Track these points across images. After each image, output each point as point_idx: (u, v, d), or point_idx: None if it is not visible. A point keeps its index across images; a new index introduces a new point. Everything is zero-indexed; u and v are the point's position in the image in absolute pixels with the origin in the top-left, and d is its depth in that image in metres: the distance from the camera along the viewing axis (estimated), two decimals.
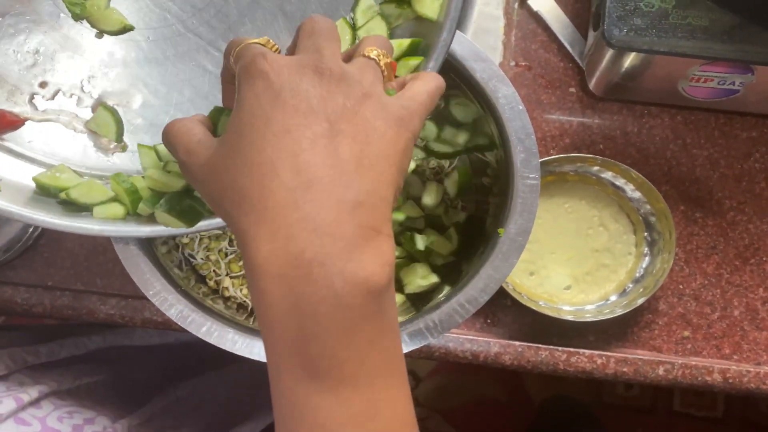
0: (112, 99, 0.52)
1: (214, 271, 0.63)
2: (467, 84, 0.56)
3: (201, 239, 0.63)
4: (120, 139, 0.52)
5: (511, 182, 0.55)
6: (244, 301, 0.63)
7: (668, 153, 0.69)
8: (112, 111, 0.51)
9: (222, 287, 0.63)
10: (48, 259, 0.69)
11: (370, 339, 0.33)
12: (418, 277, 0.61)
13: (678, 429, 1.34)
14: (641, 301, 0.63)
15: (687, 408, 1.34)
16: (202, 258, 0.63)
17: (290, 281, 0.32)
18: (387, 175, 0.35)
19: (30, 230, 0.67)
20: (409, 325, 0.54)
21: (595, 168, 0.65)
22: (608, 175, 0.65)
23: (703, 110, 0.69)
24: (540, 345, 0.66)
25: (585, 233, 0.67)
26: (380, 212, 0.34)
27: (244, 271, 0.47)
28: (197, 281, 0.62)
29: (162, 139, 0.40)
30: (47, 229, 0.59)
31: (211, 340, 0.54)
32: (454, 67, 0.56)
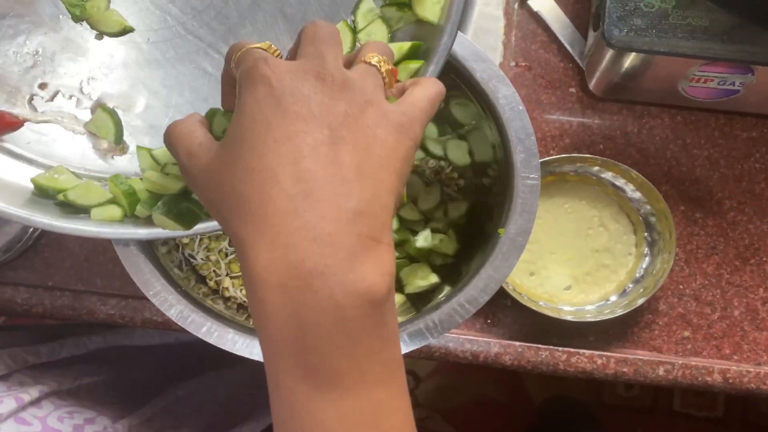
0: (112, 101, 0.52)
1: (214, 272, 0.63)
2: (467, 84, 0.56)
3: (201, 239, 0.63)
4: (119, 141, 0.52)
5: (511, 182, 0.55)
6: (244, 302, 0.63)
7: (668, 153, 0.69)
8: (111, 112, 0.51)
9: (222, 287, 0.63)
10: (48, 260, 0.69)
11: (371, 350, 0.33)
12: (418, 278, 0.61)
13: (678, 429, 1.34)
14: (641, 302, 0.63)
15: (687, 408, 1.34)
16: (202, 258, 0.63)
17: (290, 292, 0.32)
18: (387, 183, 0.34)
19: (30, 230, 0.67)
20: (409, 325, 0.54)
21: (595, 168, 0.65)
22: (608, 176, 0.65)
23: (703, 110, 0.69)
24: (540, 345, 0.66)
25: (585, 233, 0.67)
26: (381, 221, 0.34)
27: (242, 279, 0.47)
28: (197, 281, 0.63)
29: (163, 141, 0.40)
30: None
31: (211, 341, 0.54)
32: (454, 68, 0.56)
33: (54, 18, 0.51)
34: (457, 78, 0.56)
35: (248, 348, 0.54)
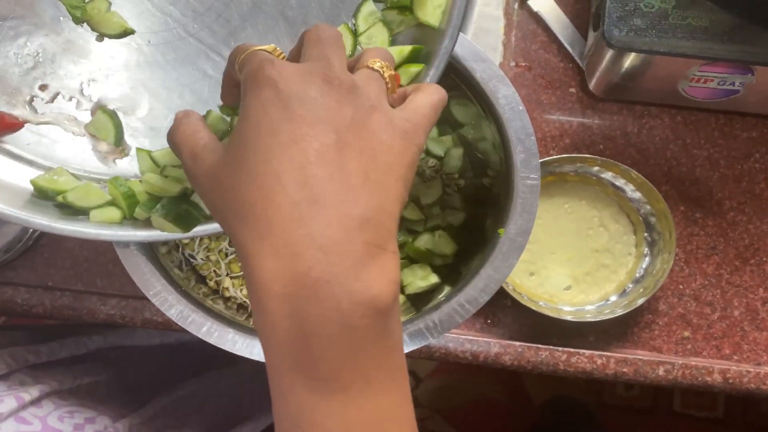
0: (112, 103, 0.52)
1: (215, 272, 0.63)
2: (467, 84, 0.56)
3: (201, 240, 0.63)
4: (119, 143, 0.52)
5: (511, 182, 0.55)
6: (245, 302, 0.63)
7: (668, 153, 0.69)
8: (111, 114, 0.51)
9: (222, 287, 0.63)
10: (48, 260, 0.69)
11: (377, 358, 0.33)
12: (418, 278, 0.61)
13: (678, 429, 1.34)
14: (641, 302, 0.63)
15: (687, 408, 1.34)
16: (203, 258, 0.63)
17: (295, 300, 0.31)
18: (393, 190, 0.34)
19: (30, 231, 0.67)
20: (409, 326, 0.54)
21: (595, 168, 0.65)
22: (608, 176, 0.65)
23: (703, 110, 0.69)
24: (540, 345, 0.66)
25: (585, 233, 0.67)
26: (386, 229, 0.33)
27: (246, 286, 0.47)
28: (197, 281, 0.63)
29: (167, 141, 0.40)
30: None
31: (211, 341, 0.54)
32: (454, 68, 0.56)
33: (55, 20, 0.51)
34: (457, 78, 0.56)
35: (248, 348, 0.54)
